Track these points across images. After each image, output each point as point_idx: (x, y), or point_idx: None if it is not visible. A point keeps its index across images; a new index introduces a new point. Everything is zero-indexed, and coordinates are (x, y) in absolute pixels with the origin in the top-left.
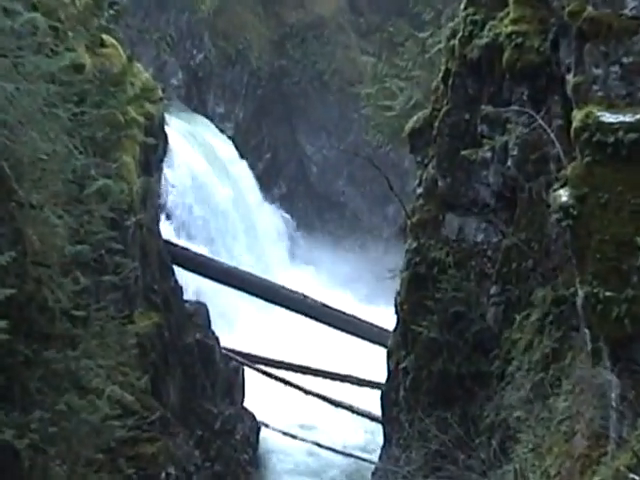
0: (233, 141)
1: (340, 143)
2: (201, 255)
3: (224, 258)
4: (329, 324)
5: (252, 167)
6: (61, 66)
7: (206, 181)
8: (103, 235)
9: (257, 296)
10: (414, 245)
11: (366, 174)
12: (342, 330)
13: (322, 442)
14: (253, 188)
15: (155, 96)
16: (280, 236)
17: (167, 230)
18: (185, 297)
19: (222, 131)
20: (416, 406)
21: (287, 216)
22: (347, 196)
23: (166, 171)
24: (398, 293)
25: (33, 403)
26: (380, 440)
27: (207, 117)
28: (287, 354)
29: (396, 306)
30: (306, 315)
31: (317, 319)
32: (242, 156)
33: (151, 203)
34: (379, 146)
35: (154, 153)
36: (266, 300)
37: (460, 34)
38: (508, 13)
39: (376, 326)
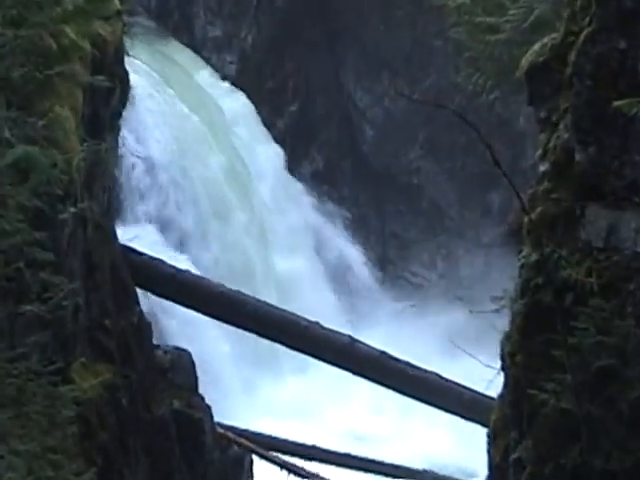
0: (237, 84)
1: (412, 88)
2: (183, 272)
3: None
4: (391, 386)
5: (268, 126)
6: None
7: (193, 150)
8: (22, 237)
9: (275, 339)
10: (534, 257)
11: (455, 140)
12: (412, 396)
13: None
14: (271, 160)
15: (109, 10)
16: (312, 238)
17: (127, 230)
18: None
19: (218, 68)
20: None
21: (326, 207)
22: (424, 176)
23: (126, 133)
24: (507, 336)
25: None
26: None
27: (194, 45)
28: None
29: (503, 358)
30: (355, 371)
31: (372, 377)
32: (256, 109)
33: (101, 185)
34: (477, 93)
35: (107, 103)
36: (290, 346)
37: None
38: None
39: (469, 390)
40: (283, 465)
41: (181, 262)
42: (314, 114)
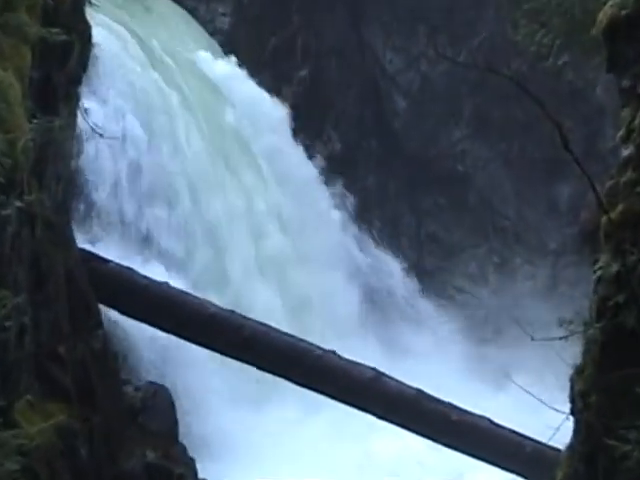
0: (230, 42)
1: (456, 48)
2: (160, 284)
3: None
4: (430, 435)
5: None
6: None
7: (175, 128)
8: None
9: (280, 373)
10: (614, 268)
11: (511, 116)
12: (458, 448)
13: None
14: (281, 138)
15: None
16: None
17: (90, 232)
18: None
19: (208, 21)
20: None
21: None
22: (471, 161)
23: (88, 104)
24: (578, 371)
25: None
26: None
27: None
28: None
29: (573, 398)
30: (382, 415)
31: (404, 424)
32: (251, 74)
33: (55, 172)
34: (541, 56)
35: (62, 64)
36: (298, 382)
37: None
38: None
39: (531, 440)
40: None
41: None
42: (329, 81)
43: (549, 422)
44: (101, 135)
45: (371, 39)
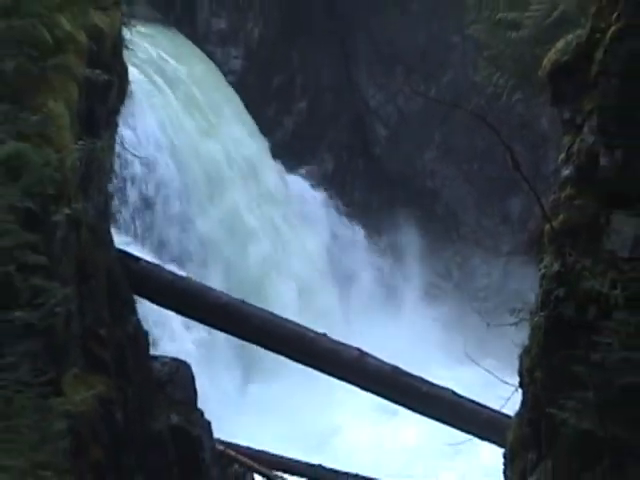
0: (242, 80)
1: (428, 85)
2: (183, 279)
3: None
4: (403, 403)
5: (275, 125)
6: None
7: (200, 149)
8: (12, 239)
9: (280, 352)
10: (556, 267)
11: (473, 142)
12: (427, 414)
13: None
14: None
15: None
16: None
17: (125, 235)
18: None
19: (223, 63)
20: None
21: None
22: (439, 179)
23: (124, 131)
24: (525, 351)
25: None
26: None
27: (197, 38)
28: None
29: (521, 374)
30: (364, 387)
31: (383, 394)
32: (248, 105)
33: (98, 185)
34: (497, 93)
35: (104, 99)
36: (295, 359)
37: None
38: None
39: (487, 408)
40: None
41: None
42: (322, 113)
43: (502, 394)
44: (136, 155)
45: (358, 77)
